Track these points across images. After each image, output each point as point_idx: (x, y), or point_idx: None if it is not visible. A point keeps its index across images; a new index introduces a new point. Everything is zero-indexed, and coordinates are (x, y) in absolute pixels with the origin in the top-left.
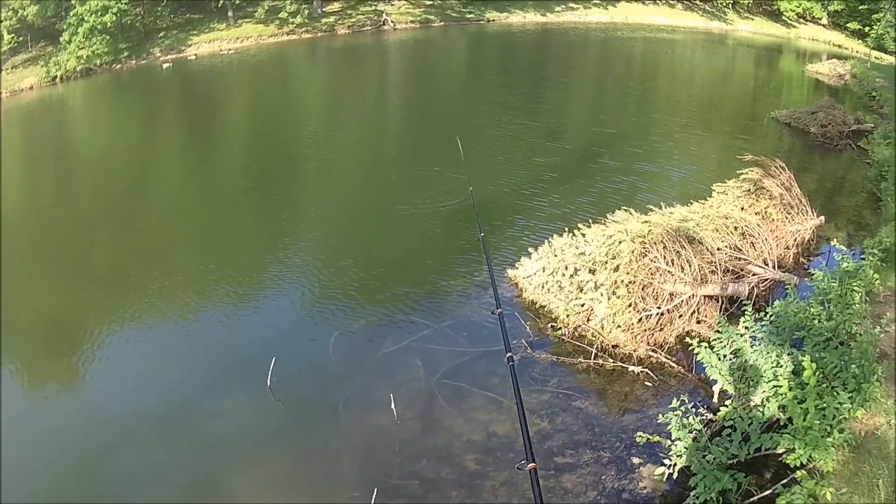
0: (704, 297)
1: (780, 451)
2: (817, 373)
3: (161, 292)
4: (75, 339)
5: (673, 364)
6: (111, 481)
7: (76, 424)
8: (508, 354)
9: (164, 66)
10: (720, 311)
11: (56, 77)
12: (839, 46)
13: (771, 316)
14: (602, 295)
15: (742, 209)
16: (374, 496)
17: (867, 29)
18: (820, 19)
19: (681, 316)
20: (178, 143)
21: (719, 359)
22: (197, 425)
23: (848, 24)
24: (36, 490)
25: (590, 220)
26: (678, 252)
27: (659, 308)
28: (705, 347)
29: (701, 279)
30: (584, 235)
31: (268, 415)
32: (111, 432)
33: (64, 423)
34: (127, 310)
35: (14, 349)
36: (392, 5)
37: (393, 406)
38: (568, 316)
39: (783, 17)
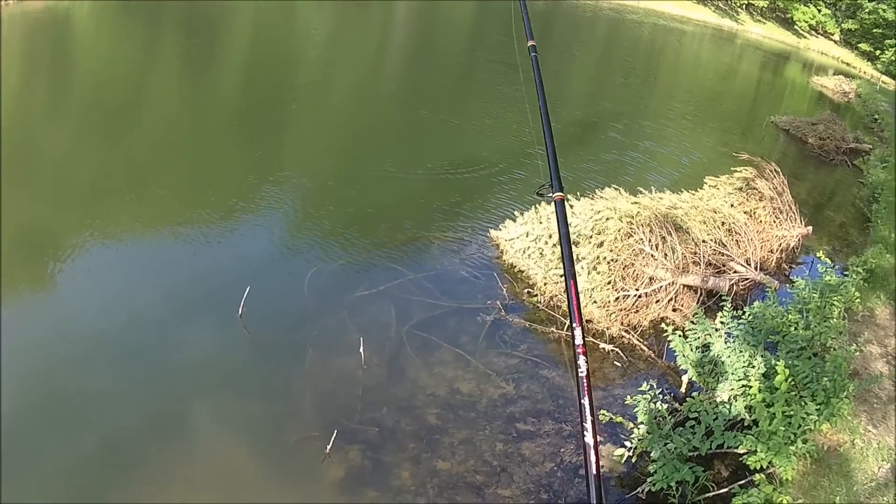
0: (684, 286)
1: (741, 450)
2: (789, 379)
3: (142, 210)
4: (49, 251)
5: (644, 348)
6: (72, 400)
7: (41, 337)
8: (532, 43)
9: None
10: (697, 303)
11: None
12: (847, 64)
13: (749, 315)
14: (583, 269)
15: (732, 206)
16: (333, 438)
17: (878, 52)
18: (832, 34)
19: (658, 301)
20: (178, 63)
21: (692, 349)
22: (163, 349)
23: (859, 45)
24: None
25: (578, 193)
26: (664, 238)
27: (637, 290)
28: (679, 336)
29: (683, 268)
30: (571, 207)
31: (235, 345)
32: (76, 348)
33: (29, 336)
34: (105, 225)
35: None
36: None
37: (361, 350)
38: (545, 284)
39: (795, 26)
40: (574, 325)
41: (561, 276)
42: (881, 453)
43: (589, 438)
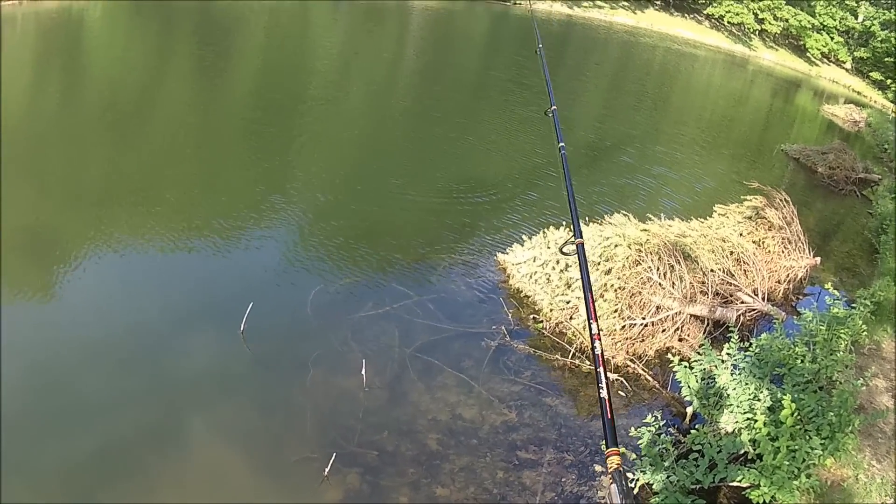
0: (691, 316)
1: (744, 484)
2: (795, 413)
3: (148, 215)
4: (52, 254)
5: (649, 377)
6: (68, 406)
7: (40, 341)
8: (562, 144)
9: None
10: (704, 333)
11: None
12: (858, 93)
13: (755, 347)
14: None
15: (741, 235)
16: (331, 460)
17: (889, 81)
18: (844, 63)
19: (664, 331)
20: (190, 69)
21: (697, 381)
22: (163, 360)
23: (871, 73)
24: None
25: (587, 218)
26: (672, 266)
27: (644, 319)
28: (685, 367)
29: (690, 297)
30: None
31: (236, 360)
32: (75, 355)
33: (28, 339)
34: (110, 231)
35: None
36: None
37: (363, 371)
38: (551, 310)
39: (807, 54)
40: (591, 321)
41: (567, 302)
42: (885, 489)
43: (604, 393)
